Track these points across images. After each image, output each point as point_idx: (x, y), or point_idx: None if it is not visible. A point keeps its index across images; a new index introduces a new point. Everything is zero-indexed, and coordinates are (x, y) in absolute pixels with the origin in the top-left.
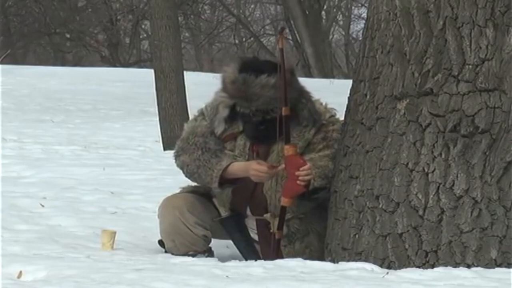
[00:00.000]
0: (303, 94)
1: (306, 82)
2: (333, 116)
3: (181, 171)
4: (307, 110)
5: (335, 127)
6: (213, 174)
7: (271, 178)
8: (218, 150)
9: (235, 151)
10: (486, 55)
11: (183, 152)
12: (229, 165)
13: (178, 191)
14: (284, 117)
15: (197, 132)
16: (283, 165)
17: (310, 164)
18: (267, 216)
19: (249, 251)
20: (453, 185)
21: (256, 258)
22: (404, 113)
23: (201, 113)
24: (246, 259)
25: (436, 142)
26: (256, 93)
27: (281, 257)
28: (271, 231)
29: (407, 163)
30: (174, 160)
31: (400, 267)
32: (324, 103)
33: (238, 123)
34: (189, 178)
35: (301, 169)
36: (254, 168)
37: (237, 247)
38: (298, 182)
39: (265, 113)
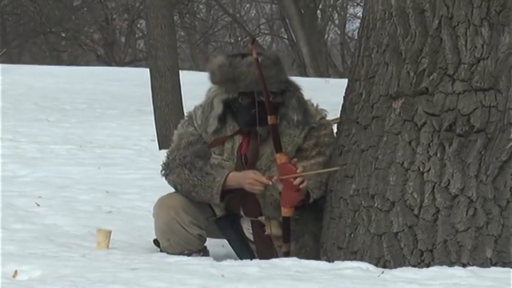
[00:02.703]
0: (291, 83)
1: (301, 81)
2: (323, 118)
3: (173, 188)
4: (296, 98)
5: (327, 131)
6: (213, 191)
7: (264, 190)
8: (204, 165)
9: (223, 155)
10: (481, 54)
11: (170, 172)
12: (225, 179)
13: (173, 190)
14: (271, 126)
15: (181, 144)
16: (276, 177)
17: (301, 168)
18: (261, 218)
19: (244, 251)
20: (448, 184)
21: (251, 258)
22: (400, 112)
23: (189, 116)
24: (241, 259)
25: (432, 141)
26: (243, 72)
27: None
28: (266, 233)
29: (403, 162)
30: (163, 178)
31: (395, 266)
32: (315, 104)
33: (226, 125)
34: (185, 195)
35: (295, 181)
36: (250, 177)
37: (232, 247)
38: (295, 190)
39: (253, 95)
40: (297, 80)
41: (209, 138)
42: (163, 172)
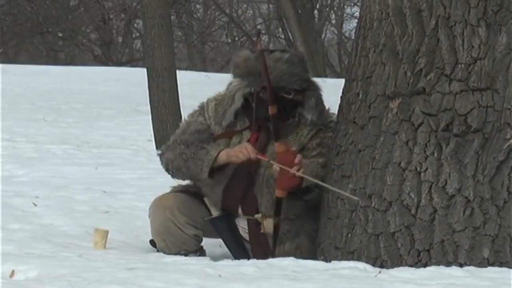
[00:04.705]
0: (313, 83)
1: None
2: (332, 121)
3: (166, 171)
4: (315, 98)
5: (332, 135)
6: (203, 164)
7: (245, 160)
8: (200, 143)
9: None
10: (478, 54)
11: (167, 150)
12: (218, 154)
13: (169, 190)
14: (271, 116)
15: (187, 130)
16: (275, 167)
17: (300, 156)
18: (258, 216)
19: (239, 252)
20: (445, 184)
21: (246, 258)
22: (397, 112)
23: (202, 107)
24: (236, 259)
25: (429, 141)
26: (269, 66)
27: (273, 256)
28: (262, 231)
29: (400, 162)
30: (159, 159)
31: (392, 266)
32: (326, 107)
33: (237, 121)
34: (174, 174)
35: (296, 162)
36: (244, 145)
37: (227, 247)
38: (291, 177)
39: (277, 90)
40: None
41: (217, 131)
42: (159, 152)
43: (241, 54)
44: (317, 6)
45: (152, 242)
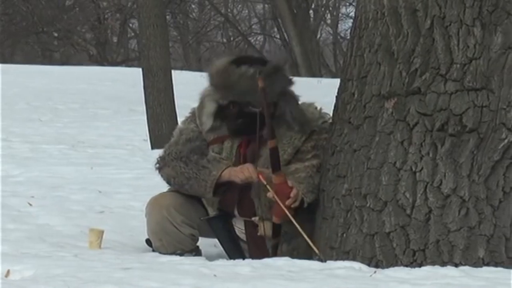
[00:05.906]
0: (286, 96)
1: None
2: (326, 122)
3: (168, 184)
4: (289, 113)
5: (327, 136)
6: (207, 185)
7: (246, 181)
8: (200, 159)
9: (222, 154)
10: (473, 54)
11: (165, 166)
12: (220, 174)
13: (165, 190)
14: (270, 149)
15: (180, 140)
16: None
17: (296, 190)
18: (255, 219)
19: (235, 252)
20: (440, 184)
21: (242, 258)
22: (392, 112)
23: (193, 113)
24: (231, 259)
25: (424, 141)
26: (234, 81)
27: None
28: (259, 234)
29: (395, 162)
30: (157, 172)
31: (387, 266)
32: (318, 108)
33: (224, 125)
34: (177, 189)
35: (291, 195)
36: (246, 167)
37: (223, 247)
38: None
39: (242, 106)
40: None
41: (209, 137)
42: (157, 165)
43: (216, 64)
44: (313, 6)
45: (147, 242)
